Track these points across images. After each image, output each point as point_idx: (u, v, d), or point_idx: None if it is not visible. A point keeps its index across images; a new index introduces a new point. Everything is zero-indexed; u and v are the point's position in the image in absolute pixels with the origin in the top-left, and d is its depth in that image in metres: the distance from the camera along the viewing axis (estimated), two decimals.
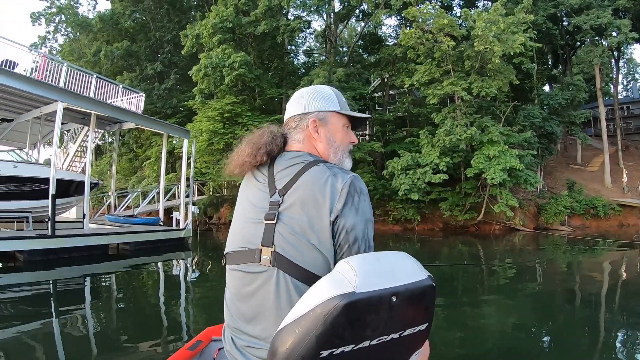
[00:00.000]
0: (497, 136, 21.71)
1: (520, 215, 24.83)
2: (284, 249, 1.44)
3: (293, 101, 1.74)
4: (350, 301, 1.07)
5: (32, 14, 46.16)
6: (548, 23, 27.80)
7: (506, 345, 5.47)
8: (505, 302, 8.06)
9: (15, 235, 12.00)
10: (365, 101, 31.17)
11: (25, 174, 13.70)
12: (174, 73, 37.10)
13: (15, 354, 4.93)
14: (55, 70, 14.52)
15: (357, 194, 1.45)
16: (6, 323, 6.09)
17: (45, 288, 9.11)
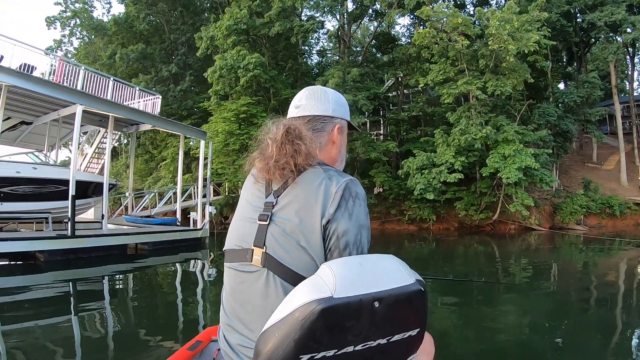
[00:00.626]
0: (512, 135, 21.64)
1: (535, 215, 24.68)
2: (275, 251, 1.44)
3: (317, 97, 1.72)
4: (327, 306, 1.07)
5: (47, 18, 46.86)
6: (562, 20, 27.55)
7: (521, 345, 5.42)
8: (521, 301, 7.95)
9: (36, 236, 12.21)
10: (379, 101, 31.14)
11: (44, 175, 13.91)
12: (188, 75, 37.31)
13: (32, 350, 5.01)
14: (72, 73, 14.71)
15: (351, 198, 1.43)
16: (26, 320, 6.26)
17: (65, 287, 9.30)
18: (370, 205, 26.92)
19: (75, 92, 13.63)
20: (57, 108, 14.55)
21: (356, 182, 1.48)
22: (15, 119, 14.90)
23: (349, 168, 28.05)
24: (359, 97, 25.44)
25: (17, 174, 12.99)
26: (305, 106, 1.70)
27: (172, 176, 29.48)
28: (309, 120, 1.66)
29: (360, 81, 28.30)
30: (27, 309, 7.13)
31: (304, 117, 1.67)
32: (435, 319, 6.46)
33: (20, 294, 8.21)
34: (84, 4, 47.50)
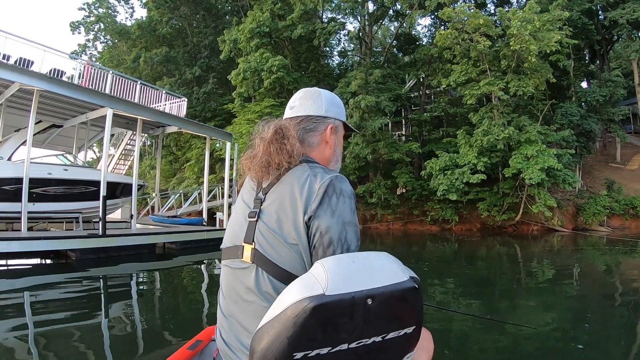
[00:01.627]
0: (534, 135, 21.52)
1: (558, 216, 24.47)
2: (263, 247, 1.47)
3: (310, 98, 1.74)
4: (318, 304, 1.08)
5: (72, 23, 47.87)
6: (583, 18, 27.24)
7: (542, 347, 5.31)
8: (542, 303, 7.82)
9: (68, 235, 12.56)
10: (402, 102, 31.17)
11: (75, 176, 14.26)
12: (212, 77, 37.65)
13: (61, 345, 5.13)
14: (99, 77, 15.06)
15: (335, 194, 1.43)
16: (56, 317, 6.46)
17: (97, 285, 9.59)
18: (393, 206, 27.35)
19: (106, 96, 14.10)
20: (85, 111, 14.93)
21: (342, 179, 1.50)
22: (46, 122, 15.30)
23: (372, 169, 28.43)
24: (381, 98, 25.50)
25: (48, 175, 13.35)
26: (298, 107, 1.73)
27: (196, 177, 29.91)
28: (302, 120, 1.69)
29: (383, 82, 28.38)
30: (60, 305, 7.35)
31: (297, 117, 1.70)
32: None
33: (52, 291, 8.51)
34: (108, 9, 48.36)
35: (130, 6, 52.32)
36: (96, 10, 47.96)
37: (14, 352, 4.78)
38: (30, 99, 12.97)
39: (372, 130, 25.41)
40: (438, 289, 9.17)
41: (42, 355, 4.69)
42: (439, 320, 6.15)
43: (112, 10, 48.88)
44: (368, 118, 25.45)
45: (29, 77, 11.89)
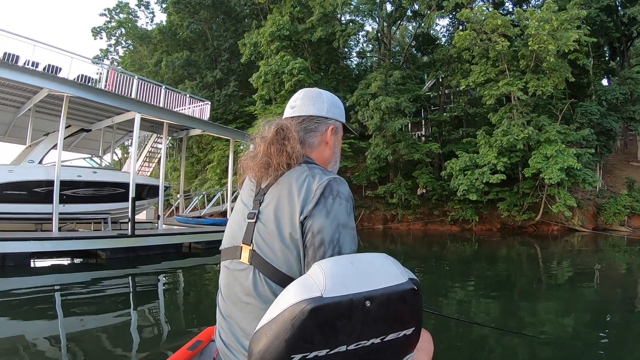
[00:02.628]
0: (554, 135, 21.53)
1: (579, 216, 24.41)
2: (260, 248, 1.48)
3: (312, 98, 1.75)
4: (316, 306, 1.08)
5: (93, 29, 48.96)
6: (602, 15, 27.05)
7: (560, 350, 5.19)
8: (560, 307, 7.61)
9: (98, 235, 13.02)
10: (421, 102, 31.22)
11: (103, 179, 14.72)
12: (232, 80, 37.98)
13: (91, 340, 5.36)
14: (124, 81, 15.48)
15: (331, 196, 1.43)
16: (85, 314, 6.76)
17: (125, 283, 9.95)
18: (414, 206, 27.47)
19: (134, 101, 14.63)
20: (111, 115, 15.47)
21: (340, 180, 1.50)
22: (75, 126, 15.78)
23: (392, 169, 28.58)
24: (401, 99, 25.63)
25: (78, 178, 13.82)
26: (299, 106, 1.74)
27: (218, 178, 30.23)
28: (303, 120, 1.70)
29: (402, 83, 28.51)
30: (90, 302, 7.62)
31: (298, 117, 1.72)
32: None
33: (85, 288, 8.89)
34: (128, 14, 49.20)
35: (150, 11, 52.95)
36: (117, 16, 48.86)
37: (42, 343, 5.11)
38: (58, 104, 13.59)
39: (393, 131, 25.55)
40: (458, 290, 9.27)
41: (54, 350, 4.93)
42: (443, 326, 6.00)
43: (132, 15, 49.74)
44: (388, 119, 25.61)
45: (59, 84, 12.36)
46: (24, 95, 13.98)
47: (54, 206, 12.24)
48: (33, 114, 15.07)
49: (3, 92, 13.62)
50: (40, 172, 13.05)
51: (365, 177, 29.22)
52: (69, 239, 12.01)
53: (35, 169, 13.10)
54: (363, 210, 29.98)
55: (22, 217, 12.95)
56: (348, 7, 30.65)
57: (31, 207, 12.67)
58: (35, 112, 15.13)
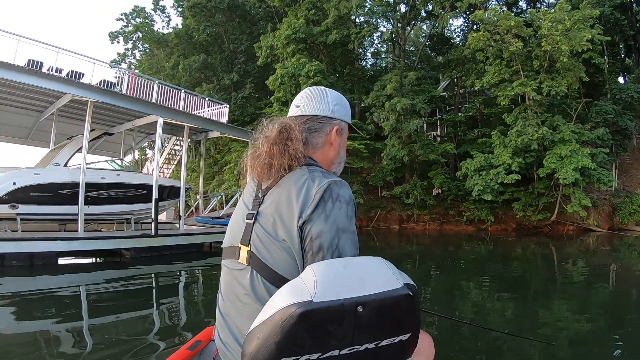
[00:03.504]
0: (568, 135, 21.56)
1: (594, 215, 24.32)
2: (258, 249, 1.46)
3: (317, 97, 1.72)
4: (305, 310, 1.07)
5: (111, 33, 49.87)
6: (616, 13, 26.93)
7: (575, 354, 5.20)
8: (576, 307, 7.60)
9: (123, 235, 13.49)
10: (436, 103, 31.35)
11: (126, 180, 15.20)
12: (249, 82, 38.32)
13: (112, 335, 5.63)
14: (144, 86, 15.90)
15: (331, 199, 1.41)
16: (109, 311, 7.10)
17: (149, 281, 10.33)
18: (429, 206, 27.62)
19: (157, 106, 15.16)
20: (132, 118, 15.96)
21: (341, 183, 1.48)
22: (98, 130, 16.24)
23: (408, 170, 28.71)
24: (416, 100, 25.84)
25: (102, 180, 14.29)
26: (304, 106, 1.70)
27: (235, 179, 30.55)
28: (307, 120, 1.67)
29: (417, 84, 28.67)
30: (115, 299, 8.01)
31: (303, 116, 1.68)
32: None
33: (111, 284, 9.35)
34: (145, 18, 49.91)
35: (166, 15, 53.57)
36: (134, 20, 49.67)
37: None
38: (80, 108, 14.19)
39: (408, 132, 25.77)
40: (473, 291, 9.35)
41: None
42: (453, 329, 6.04)
43: (149, 19, 50.50)
44: (404, 120, 25.83)
45: (84, 90, 12.89)
46: (47, 100, 14.51)
47: (79, 207, 12.72)
48: (56, 118, 15.63)
49: (27, 97, 14.17)
50: (66, 174, 13.54)
51: (381, 177, 29.45)
52: (94, 238, 12.50)
53: (60, 171, 13.58)
54: (379, 211, 30.24)
55: (47, 218, 13.44)
56: (362, 9, 30.86)
57: (57, 208, 13.16)
58: (58, 116, 15.69)
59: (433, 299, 8.32)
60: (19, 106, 15.24)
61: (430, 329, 5.68)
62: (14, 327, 5.97)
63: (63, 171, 13.67)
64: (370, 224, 29.92)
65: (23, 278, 9.69)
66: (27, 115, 16.29)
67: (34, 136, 18.36)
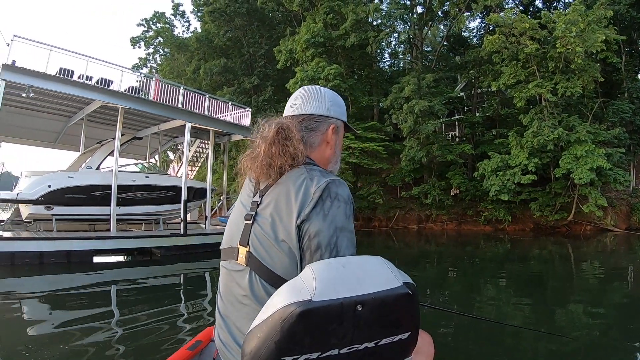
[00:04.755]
0: (584, 135, 21.66)
1: (611, 215, 24.17)
2: (257, 250, 1.46)
3: (312, 97, 1.72)
4: (305, 309, 1.06)
5: (132, 39, 51.23)
6: (632, 11, 26.73)
7: (590, 352, 5.17)
8: (591, 306, 7.51)
9: (154, 234, 14.28)
10: (454, 104, 31.55)
11: (156, 182, 15.94)
12: (269, 85, 38.81)
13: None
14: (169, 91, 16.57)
15: (329, 198, 1.40)
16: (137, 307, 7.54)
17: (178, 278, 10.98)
18: (448, 207, 27.83)
19: (185, 112, 15.99)
20: (158, 123, 16.86)
21: (339, 182, 1.46)
22: (128, 135, 16.96)
23: (426, 170, 29.01)
24: (434, 102, 26.19)
25: (132, 182, 15.01)
26: (300, 105, 1.70)
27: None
28: (303, 119, 1.67)
29: (435, 86, 28.96)
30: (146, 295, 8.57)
31: (299, 115, 1.68)
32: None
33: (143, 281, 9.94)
34: (165, 23, 50.91)
35: (186, 20, 54.56)
36: (154, 26, 50.76)
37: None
38: (108, 113, 15.18)
39: (426, 133, 26.14)
40: (490, 289, 9.56)
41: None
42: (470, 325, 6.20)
43: (169, 24, 51.55)
44: (422, 122, 26.18)
45: (115, 98, 13.85)
46: (76, 105, 15.36)
47: (111, 208, 13.50)
48: (85, 122, 16.52)
49: (58, 103, 15.00)
50: (98, 177, 14.35)
51: (400, 178, 29.87)
52: (127, 237, 13.36)
53: (93, 174, 14.38)
54: (398, 211, 30.62)
55: (81, 219, 14.19)
56: (380, 13, 31.29)
57: (89, 209, 13.94)
58: (88, 121, 16.63)
59: (451, 297, 8.65)
60: (49, 112, 16.10)
61: (435, 324, 5.92)
62: (48, 318, 6.53)
63: (95, 174, 14.45)
64: (389, 224, 30.24)
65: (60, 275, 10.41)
66: (56, 121, 17.19)
67: (62, 140, 19.32)
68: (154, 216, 15.96)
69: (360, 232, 26.41)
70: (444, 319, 6.22)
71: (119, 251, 13.13)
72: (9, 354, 4.83)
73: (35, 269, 10.77)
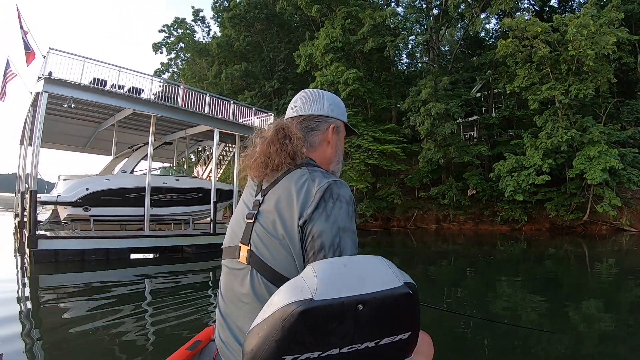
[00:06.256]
0: (597, 136, 21.87)
1: (627, 215, 24.21)
2: (258, 248, 1.46)
3: (312, 98, 1.73)
4: (306, 308, 1.06)
5: (154, 44, 52.71)
6: None
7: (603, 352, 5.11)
8: (603, 314, 7.21)
9: (185, 233, 15.30)
10: (470, 106, 31.86)
11: (185, 185, 16.91)
12: (289, 89, 39.15)
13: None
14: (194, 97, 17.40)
15: (331, 199, 1.41)
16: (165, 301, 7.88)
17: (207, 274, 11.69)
18: (465, 207, 28.23)
19: (213, 118, 16.95)
20: (185, 128, 17.96)
21: (341, 183, 1.47)
22: (159, 140, 17.88)
23: (444, 171, 29.52)
24: (450, 104, 26.62)
25: (164, 185, 15.93)
26: (300, 107, 1.71)
27: None
28: (303, 120, 1.68)
29: (451, 89, 29.40)
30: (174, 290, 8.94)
31: (299, 116, 1.69)
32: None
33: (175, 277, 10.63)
34: (186, 29, 52.11)
35: (206, 25, 55.67)
36: (175, 32, 52.02)
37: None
38: (138, 119, 16.31)
39: (443, 135, 26.62)
40: (505, 288, 9.70)
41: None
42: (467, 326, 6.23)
43: (189, 30, 52.75)
44: (438, 124, 26.66)
45: (147, 107, 14.94)
46: (108, 113, 16.44)
47: (145, 209, 14.48)
48: (116, 128, 17.60)
49: (91, 111, 16.01)
50: (132, 180, 15.35)
51: (418, 179, 30.35)
52: (160, 236, 14.35)
53: (127, 177, 15.37)
54: (416, 211, 31.22)
55: (116, 219, 15.13)
56: (397, 18, 31.89)
57: (124, 210, 14.88)
58: (118, 127, 17.67)
59: (465, 296, 8.90)
60: (81, 118, 17.14)
61: (436, 323, 5.97)
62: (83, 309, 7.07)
63: (129, 177, 15.45)
64: (408, 224, 30.79)
65: (99, 272, 11.17)
66: (86, 126, 18.35)
67: (92, 144, 20.38)
68: (184, 216, 16.86)
69: (380, 232, 27.14)
70: (445, 320, 6.32)
71: (153, 249, 14.02)
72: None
73: (77, 265, 11.52)
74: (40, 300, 7.61)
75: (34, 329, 5.65)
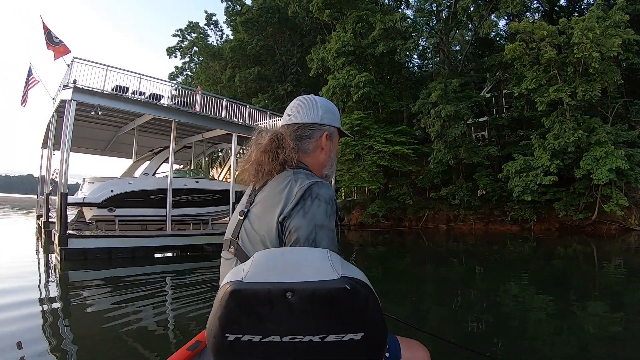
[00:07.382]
0: (604, 137, 22.11)
1: (636, 215, 24.31)
2: (243, 242, 1.56)
3: (306, 106, 1.78)
4: (235, 289, 1.11)
5: (168, 49, 53.68)
6: None
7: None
8: (610, 314, 7.06)
9: (205, 233, 16.06)
10: (480, 107, 32.12)
11: (204, 186, 17.57)
12: (302, 92, 38.93)
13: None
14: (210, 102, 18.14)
15: (310, 198, 1.47)
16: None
17: None
18: (475, 207, 28.60)
19: (231, 123, 17.86)
20: (202, 131, 18.74)
21: (322, 184, 1.53)
22: (179, 144, 18.59)
23: (454, 172, 30.01)
24: (460, 106, 26.99)
25: (184, 186, 16.58)
26: (295, 115, 1.76)
27: None
28: (298, 128, 1.73)
29: (461, 91, 29.70)
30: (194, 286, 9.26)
31: (294, 124, 1.74)
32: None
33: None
34: (200, 33, 53.04)
35: (219, 29, 56.47)
36: (189, 36, 52.97)
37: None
38: (157, 123, 17.06)
39: (453, 137, 27.06)
40: (514, 287, 9.70)
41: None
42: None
43: (203, 34, 53.65)
44: (448, 126, 27.07)
45: (168, 113, 15.63)
46: (129, 118, 17.25)
47: (167, 210, 15.18)
48: (137, 132, 18.41)
49: (113, 116, 16.77)
50: (154, 182, 16.03)
51: (429, 179, 30.84)
52: (182, 236, 15.06)
53: (150, 180, 16.08)
54: (427, 211, 31.65)
55: (139, 220, 15.82)
56: (406, 22, 32.33)
57: (146, 211, 15.55)
58: (139, 131, 18.49)
59: (474, 296, 8.85)
60: (103, 123, 17.97)
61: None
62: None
63: (152, 180, 16.16)
64: (419, 224, 31.14)
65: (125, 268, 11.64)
66: (107, 131, 19.18)
67: (112, 148, 21.11)
68: (203, 217, 17.52)
69: (392, 232, 27.60)
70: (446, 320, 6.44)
71: (175, 248, 14.67)
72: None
73: (104, 262, 12.03)
74: (69, 294, 7.99)
75: (64, 319, 6.06)
